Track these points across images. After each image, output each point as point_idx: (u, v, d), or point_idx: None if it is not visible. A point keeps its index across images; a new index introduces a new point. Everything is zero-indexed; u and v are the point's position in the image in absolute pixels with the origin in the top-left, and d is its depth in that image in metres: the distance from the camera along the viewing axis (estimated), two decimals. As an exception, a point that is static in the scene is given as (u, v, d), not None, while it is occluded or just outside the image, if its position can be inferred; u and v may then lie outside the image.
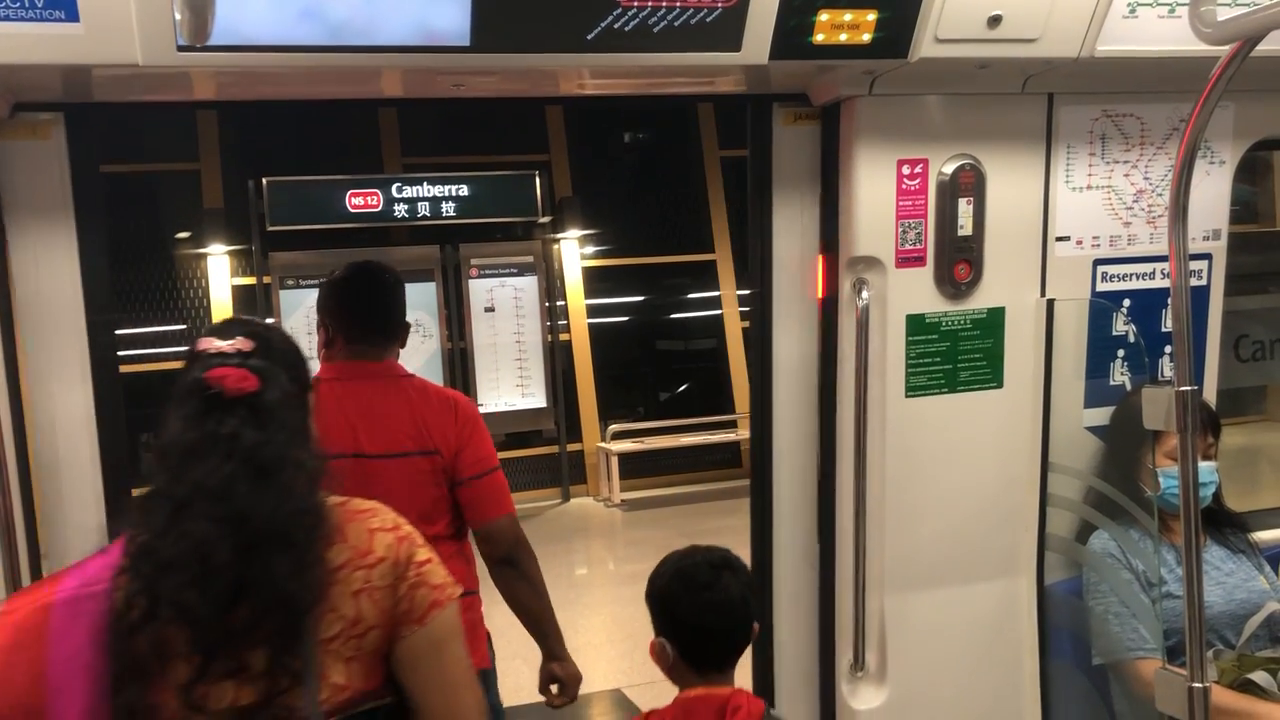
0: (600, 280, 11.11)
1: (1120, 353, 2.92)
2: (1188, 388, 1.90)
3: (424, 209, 9.84)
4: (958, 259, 2.72)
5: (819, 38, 2.35)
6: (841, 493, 2.78)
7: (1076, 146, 2.81)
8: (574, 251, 10.83)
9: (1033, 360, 2.84)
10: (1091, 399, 2.92)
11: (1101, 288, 2.90)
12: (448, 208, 9.90)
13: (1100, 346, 2.90)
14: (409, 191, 9.81)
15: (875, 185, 2.66)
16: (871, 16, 2.34)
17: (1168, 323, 2.91)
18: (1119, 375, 2.93)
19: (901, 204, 2.68)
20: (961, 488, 2.83)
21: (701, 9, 2.26)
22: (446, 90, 2.50)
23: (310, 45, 2.13)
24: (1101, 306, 2.88)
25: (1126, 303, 2.92)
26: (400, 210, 9.80)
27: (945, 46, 2.40)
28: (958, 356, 2.78)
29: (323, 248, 9.84)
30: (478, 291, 10.24)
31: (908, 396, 2.75)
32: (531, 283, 10.38)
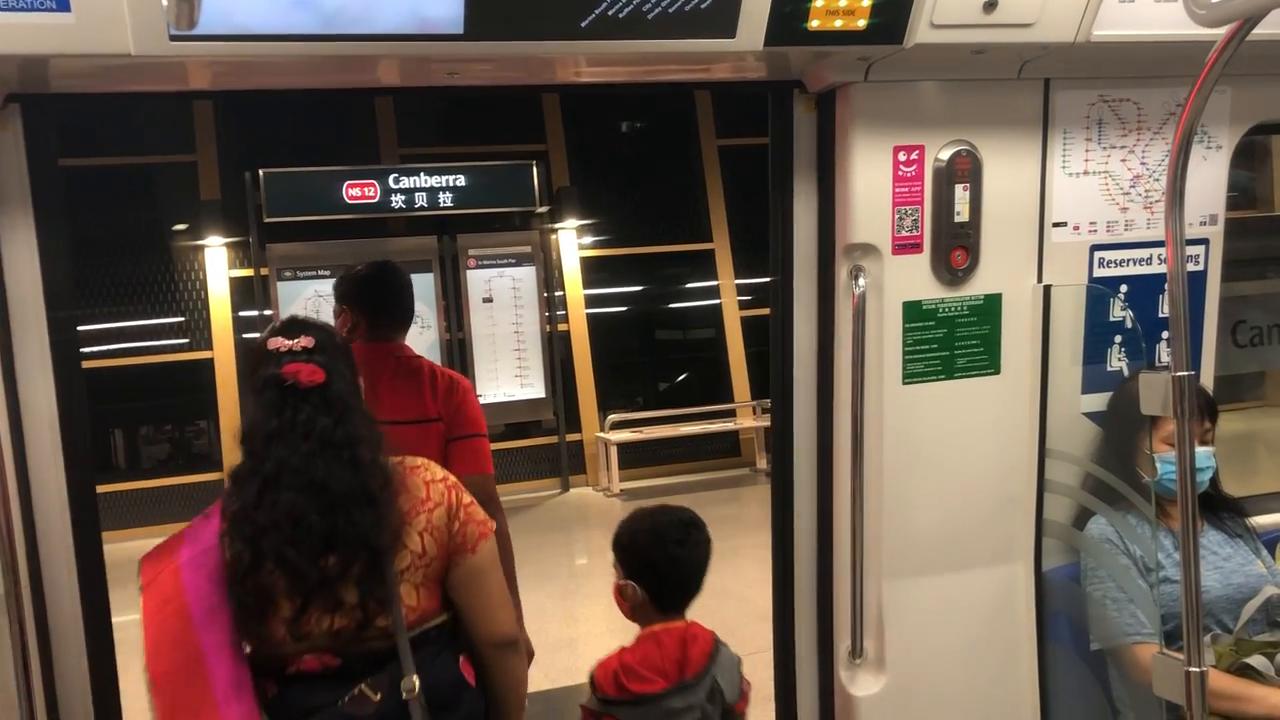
0: (598, 270, 11.09)
1: (1117, 338, 2.92)
2: (1184, 373, 1.90)
3: (421, 199, 9.82)
4: (954, 245, 2.72)
5: (814, 24, 2.34)
6: (839, 480, 2.78)
7: (1073, 132, 2.80)
8: (572, 241, 10.81)
9: (1030, 347, 2.83)
10: (1089, 385, 2.92)
11: (1099, 273, 2.89)
12: (445, 198, 9.88)
13: (1097, 332, 2.90)
14: (406, 182, 9.79)
15: (871, 172, 2.65)
16: (867, 2, 2.33)
17: (1165, 308, 2.91)
18: (1116, 361, 2.93)
19: (898, 191, 2.67)
20: (959, 474, 2.83)
21: (696, -5, 2.24)
22: (441, 79, 2.49)
23: (303, 34, 2.11)
24: (1099, 292, 2.87)
25: (1124, 288, 2.92)
26: (397, 201, 9.78)
27: (941, 32, 2.39)
28: (955, 343, 2.77)
29: (320, 239, 9.83)
30: (476, 282, 10.23)
31: (905, 384, 2.74)
32: (529, 273, 10.37)
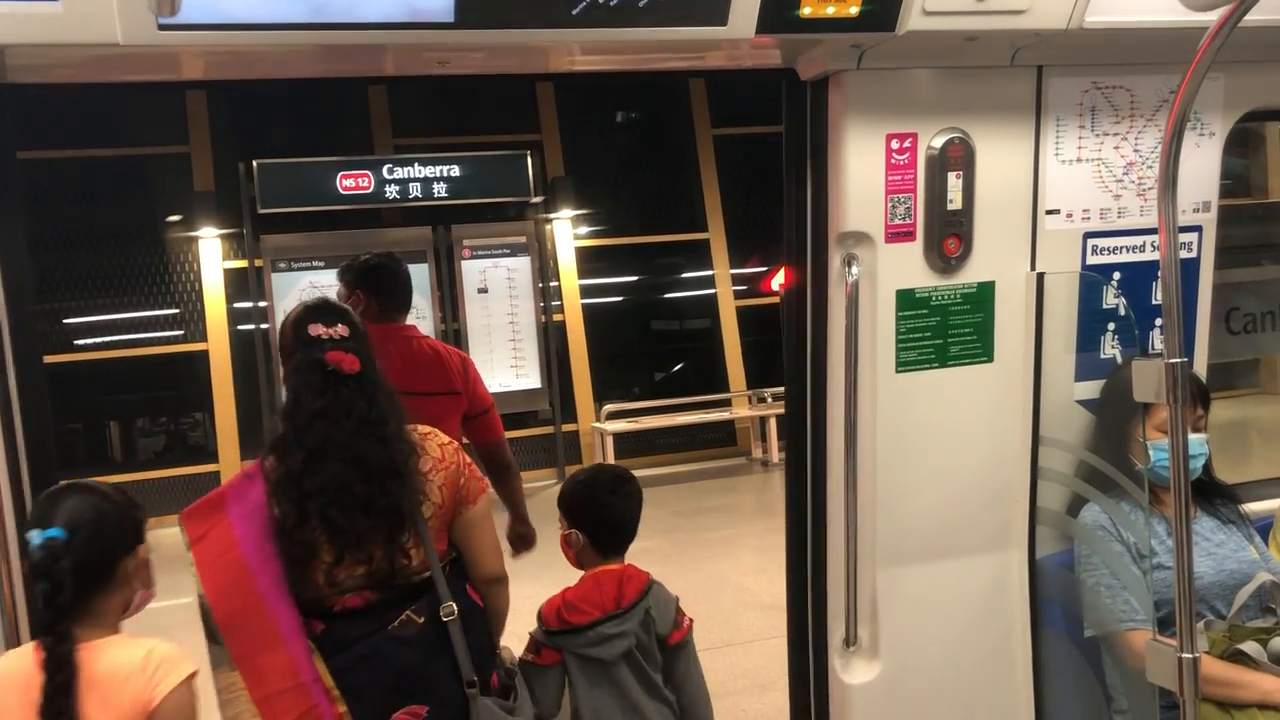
0: (593, 260, 11.08)
1: (1110, 326, 2.91)
2: (1177, 360, 1.90)
3: (415, 190, 9.80)
4: (947, 233, 2.71)
5: (806, 11, 2.33)
6: (832, 468, 2.78)
7: (1066, 119, 2.80)
8: (567, 231, 10.80)
9: (1023, 334, 2.83)
10: (1082, 372, 2.92)
11: (1092, 261, 2.89)
12: (439, 189, 9.86)
13: (1090, 320, 2.89)
14: (400, 173, 9.77)
15: (864, 160, 2.64)
16: (859, -11, 2.33)
17: (1158, 295, 2.90)
18: (1109, 349, 2.93)
19: (891, 178, 2.67)
20: (952, 462, 2.83)
21: (687, -18, 2.24)
22: (431, 67, 2.48)
23: (292, 23, 2.10)
24: (1092, 280, 2.87)
25: (1117, 276, 2.92)
26: (391, 191, 9.76)
27: (933, 19, 2.38)
28: (948, 331, 2.77)
29: (315, 230, 9.81)
30: (470, 273, 10.21)
31: (898, 372, 2.74)
32: (524, 263, 10.36)
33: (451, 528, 2.37)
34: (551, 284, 10.64)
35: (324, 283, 9.00)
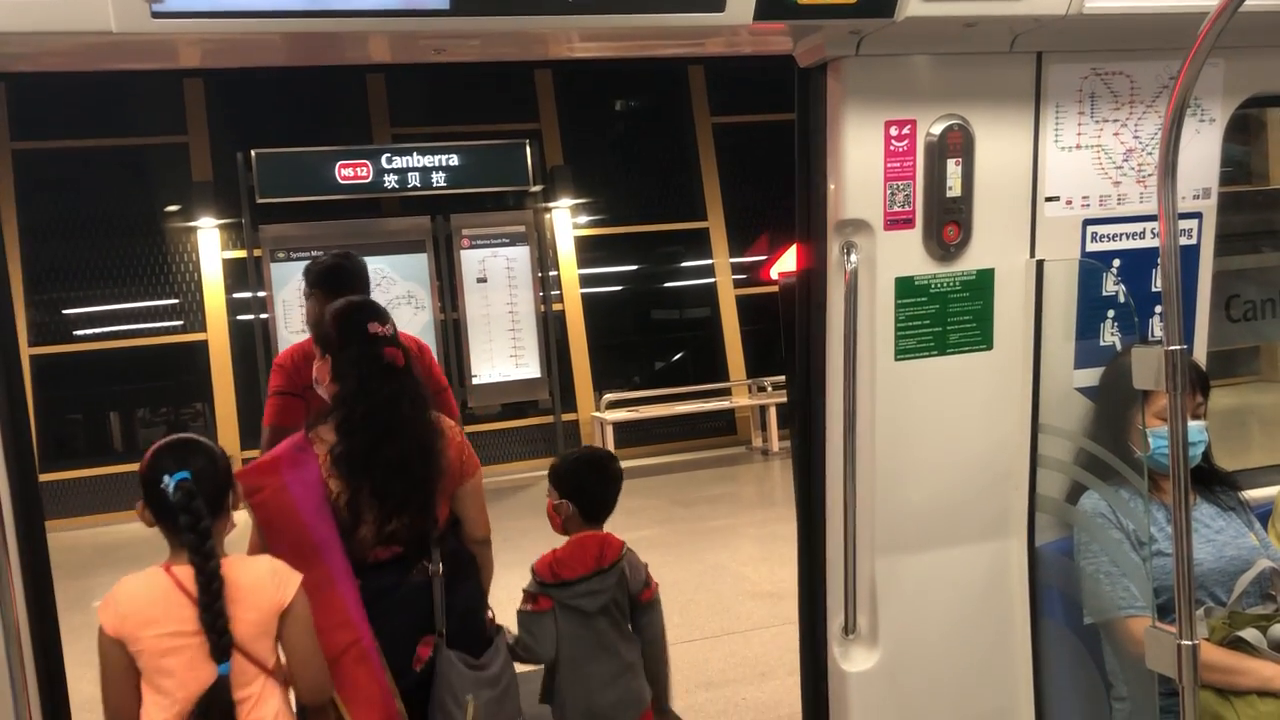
0: (593, 249, 11.07)
1: (1110, 313, 2.91)
2: (1176, 347, 1.89)
3: (414, 179, 9.79)
4: (946, 221, 2.70)
5: None
6: (831, 456, 2.78)
7: (1066, 105, 2.79)
8: (566, 221, 10.78)
9: (1022, 322, 2.83)
10: (1082, 360, 2.91)
11: (1091, 248, 2.88)
12: (438, 178, 9.84)
13: (1090, 307, 2.89)
14: (399, 162, 9.75)
15: (863, 147, 2.63)
16: (857, -25, 2.31)
17: (1158, 283, 2.89)
18: (1109, 336, 2.92)
19: (890, 166, 2.66)
20: (952, 450, 2.82)
21: (684, -31, 2.22)
22: (427, 55, 2.47)
23: (287, 10, 2.09)
24: (1091, 267, 2.86)
25: (1116, 263, 2.91)
26: (390, 181, 9.75)
27: (932, 5, 2.37)
28: (947, 319, 2.76)
29: (313, 219, 9.79)
30: (470, 262, 10.20)
31: (897, 360, 2.74)
32: (523, 253, 10.34)
33: (453, 497, 2.84)
34: (551, 273, 10.63)
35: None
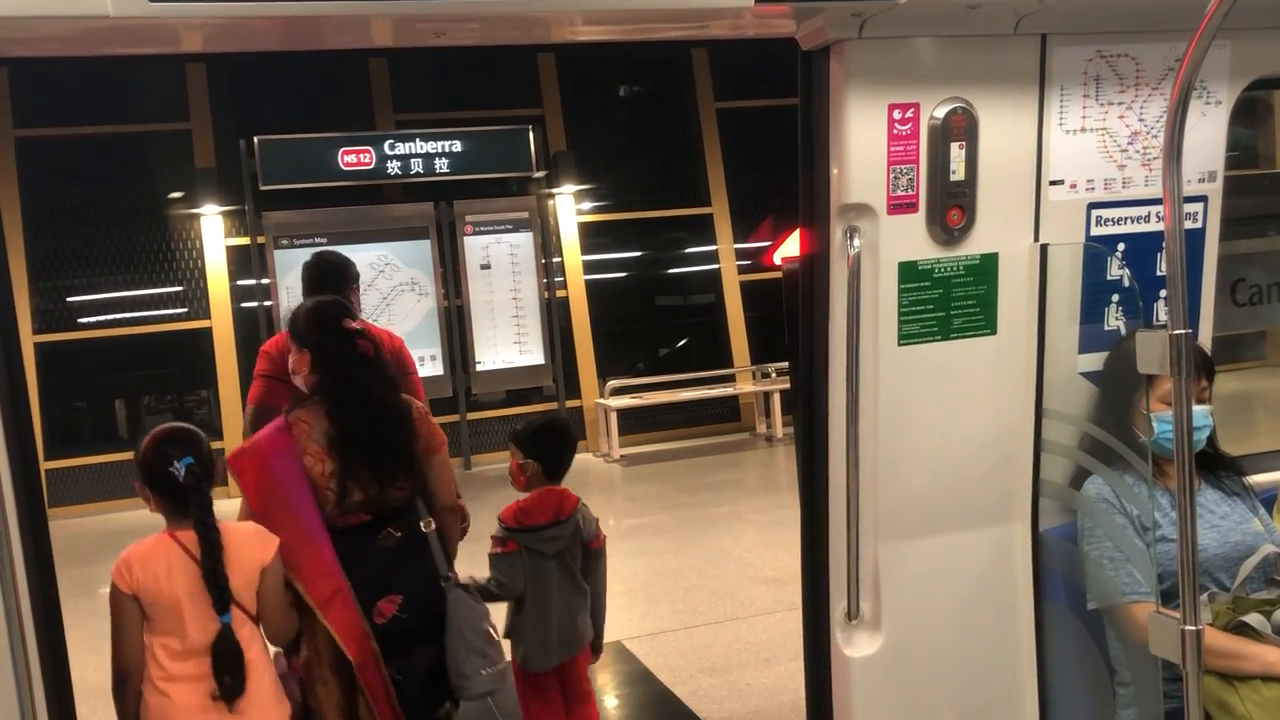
0: (597, 235, 11.05)
1: (1115, 297, 2.89)
2: (1181, 331, 1.88)
3: (417, 165, 9.77)
4: (950, 205, 2.69)
5: None
6: (834, 441, 2.77)
7: (1070, 88, 2.77)
8: (569, 207, 10.76)
9: (1026, 306, 2.82)
10: (1086, 344, 2.90)
11: (1096, 232, 2.87)
12: (441, 164, 9.82)
13: (1095, 291, 2.87)
14: (402, 148, 9.73)
15: (866, 131, 2.62)
16: (860, -44, 2.29)
17: (1163, 267, 2.88)
18: (1113, 320, 2.91)
19: (893, 149, 2.64)
20: (955, 435, 2.82)
21: (686, -49, 2.20)
22: (427, 39, 2.45)
23: None
24: (1096, 251, 2.85)
25: (1121, 247, 2.89)
26: (393, 167, 9.73)
27: None
28: (951, 303, 2.75)
29: (316, 206, 9.78)
30: (473, 248, 10.18)
31: (900, 344, 2.73)
32: (527, 239, 10.32)
33: (424, 469, 3.20)
34: (554, 259, 10.61)
35: (326, 259, 8.96)
